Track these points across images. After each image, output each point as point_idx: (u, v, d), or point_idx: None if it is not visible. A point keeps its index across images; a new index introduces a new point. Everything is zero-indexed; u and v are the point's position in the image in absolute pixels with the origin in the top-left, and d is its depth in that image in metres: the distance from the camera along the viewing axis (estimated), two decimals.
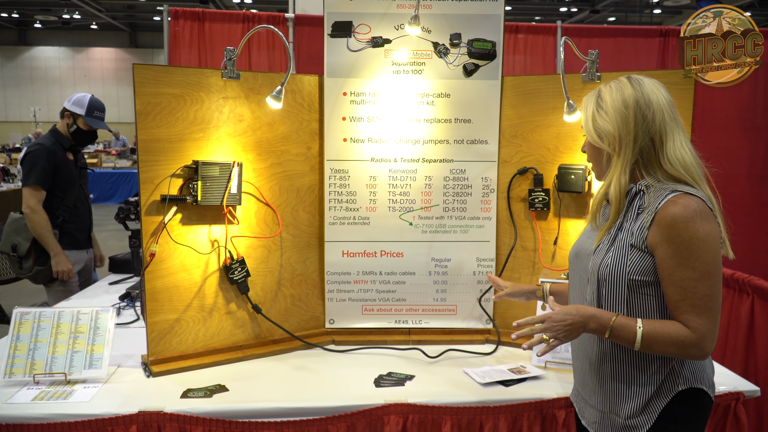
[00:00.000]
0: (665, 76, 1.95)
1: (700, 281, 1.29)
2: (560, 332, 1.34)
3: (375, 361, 2.04)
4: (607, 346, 1.42)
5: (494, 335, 2.22)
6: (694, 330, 1.29)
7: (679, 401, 1.37)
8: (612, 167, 1.40)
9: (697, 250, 1.28)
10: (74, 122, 3.23)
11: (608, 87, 1.43)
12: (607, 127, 1.39)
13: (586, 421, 1.51)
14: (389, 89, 2.18)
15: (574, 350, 1.56)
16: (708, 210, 1.31)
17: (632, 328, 1.33)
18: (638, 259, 1.35)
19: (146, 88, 1.89)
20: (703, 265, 1.29)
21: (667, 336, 1.30)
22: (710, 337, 1.30)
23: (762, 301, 2.57)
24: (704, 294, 1.29)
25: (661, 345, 1.32)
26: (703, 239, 1.29)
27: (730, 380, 1.85)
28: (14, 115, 20.79)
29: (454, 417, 1.71)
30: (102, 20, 19.48)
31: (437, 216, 2.23)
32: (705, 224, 1.29)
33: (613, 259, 1.37)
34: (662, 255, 1.32)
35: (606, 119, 1.40)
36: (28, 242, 3.05)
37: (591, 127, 1.43)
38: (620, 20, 16.85)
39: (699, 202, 1.31)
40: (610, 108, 1.39)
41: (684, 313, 1.31)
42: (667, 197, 1.32)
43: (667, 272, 1.32)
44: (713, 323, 1.30)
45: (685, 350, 1.31)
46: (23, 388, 1.73)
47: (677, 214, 1.29)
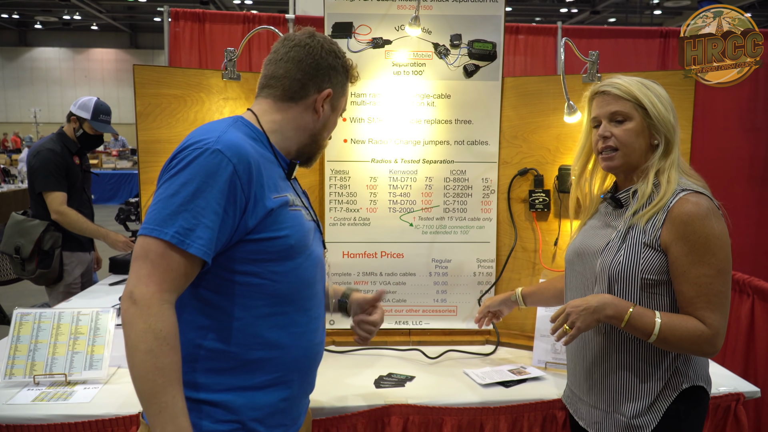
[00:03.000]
0: (666, 76, 1.95)
1: (715, 278, 1.30)
2: (579, 317, 1.34)
3: (375, 362, 2.04)
4: (612, 345, 1.42)
5: (494, 336, 2.22)
6: (709, 326, 1.31)
7: (682, 399, 1.38)
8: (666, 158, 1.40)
9: (713, 246, 1.30)
10: (80, 126, 3.24)
11: (648, 80, 1.44)
12: (669, 118, 1.40)
13: (585, 421, 1.50)
14: (390, 90, 2.18)
15: (569, 350, 1.56)
16: (717, 208, 1.34)
17: (651, 318, 1.32)
18: (651, 258, 1.36)
19: (147, 89, 1.89)
20: (718, 262, 1.30)
21: (685, 330, 1.31)
22: (722, 334, 1.32)
23: (762, 302, 2.57)
24: (719, 290, 1.31)
25: (677, 339, 1.31)
26: (718, 236, 1.31)
27: (730, 381, 1.85)
28: (15, 116, 20.80)
29: (455, 418, 1.71)
30: (102, 21, 19.50)
31: (438, 217, 2.23)
32: (718, 222, 1.32)
33: (625, 258, 1.37)
34: (677, 252, 1.32)
35: (666, 110, 1.40)
36: (31, 245, 3.05)
37: (663, 112, 1.40)
38: (620, 21, 16.86)
39: (709, 200, 1.34)
40: (666, 100, 1.42)
41: (699, 309, 1.31)
42: (678, 195, 1.34)
43: (682, 270, 1.32)
44: (725, 320, 1.33)
45: (699, 346, 1.32)
46: (23, 389, 1.73)
47: (692, 212, 1.31)
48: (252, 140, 1.22)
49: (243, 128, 1.23)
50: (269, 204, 1.17)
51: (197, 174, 1.10)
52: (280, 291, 1.21)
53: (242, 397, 1.19)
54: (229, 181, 1.11)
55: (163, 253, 1.07)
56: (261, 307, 1.19)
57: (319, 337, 1.33)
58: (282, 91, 1.29)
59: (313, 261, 1.28)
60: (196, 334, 1.18)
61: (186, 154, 1.12)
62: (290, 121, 1.30)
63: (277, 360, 1.22)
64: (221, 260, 1.16)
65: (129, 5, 17.96)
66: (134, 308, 1.06)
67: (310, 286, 1.28)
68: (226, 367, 1.18)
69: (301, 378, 1.29)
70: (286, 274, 1.21)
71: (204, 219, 1.09)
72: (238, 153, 1.13)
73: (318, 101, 1.30)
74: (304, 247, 1.24)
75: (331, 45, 1.33)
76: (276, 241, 1.18)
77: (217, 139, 1.13)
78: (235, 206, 1.12)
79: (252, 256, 1.17)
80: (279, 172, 1.26)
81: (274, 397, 1.23)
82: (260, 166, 1.17)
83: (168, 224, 1.07)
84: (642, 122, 1.40)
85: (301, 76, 1.29)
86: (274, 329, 1.21)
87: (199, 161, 1.10)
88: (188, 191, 1.09)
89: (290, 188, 1.28)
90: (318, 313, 1.32)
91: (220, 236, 1.12)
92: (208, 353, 1.18)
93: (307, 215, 1.30)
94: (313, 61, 1.29)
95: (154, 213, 1.09)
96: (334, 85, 1.33)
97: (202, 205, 1.09)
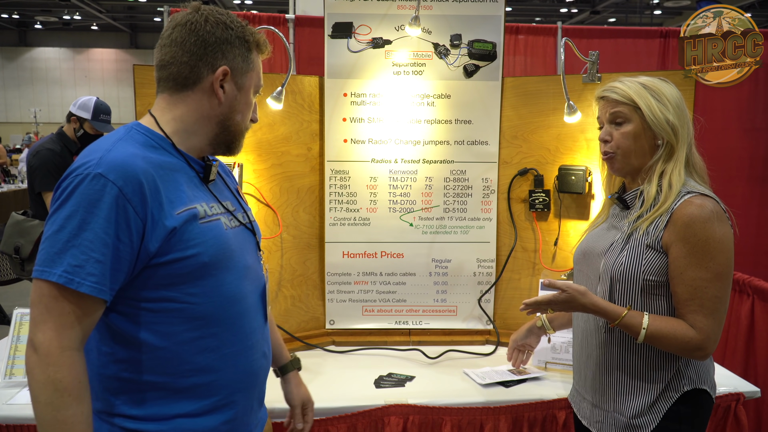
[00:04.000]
0: (666, 76, 1.94)
1: (711, 282, 1.30)
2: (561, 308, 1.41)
3: (375, 362, 2.04)
4: (614, 345, 1.43)
5: (494, 336, 2.22)
6: (699, 330, 1.30)
7: (683, 402, 1.38)
8: (670, 160, 1.38)
9: (712, 250, 1.29)
10: (81, 126, 3.25)
11: (655, 80, 1.42)
12: (672, 119, 1.38)
13: (587, 420, 1.51)
14: (390, 90, 2.18)
15: (575, 349, 1.56)
16: (722, 212, 1.33)
17: (637, 329, 1.34)
18: (653, 259, 1.35)
19: (147, 89, 1.89)
20: (716, 266, 1.30)
21: (673, 337, 1.31)
22: (714, 339, 1.31)
23: (762, 302, 2.57)
24: (713, 295, 1.30)
25: (664, 345, 1.34)
26: (719, 240, 1.29)
27: (730, 381, 1.85)
28: (15, 116, 20.79)
29: (455, 418, 1.71)
30: (102, 21, 19.49)
31: (437, 217, 2.23)
32: (721, 226, 1.30)
33: (627, 259, 1.37)
34: (676, 253, 1.32)
35: (669, 109, 1.38)
36: (31, 245, 3.06)
37: (659, 114, 1.38)
38: (620, 21, 16.85)
39: (714, 203, 1.32)
40: (671, 100, 1.39)
41: (691, 312, 1.31)
42: (683, 197, 1.33)
43: (679, 271, 1.32)
44: (718, 325, 1.31)
45: (688, 351, 1.32)
46: (23, 389, 1.72)
47: (695, 214, 1.30)
48: (150, 149, 1.09)
49: (138, 137, 1.11)
50: (170, 223, 1.05)
51: (80, 204, 0.99)
52: (202, 313, 1.10)
53: (180, 424, 1.10)
54: (115, 206, 1.00)
55: (56, 296, 0.98)
56: (183, 332, 1.09)
57: (258, 352, 1.22)
58: (173, 80, 1.14)
59: (239, 273, 1.16)
60: (118, 368, 1.09)
61: (68, 183, 1.02)
62: (190, 113, 1.15)
63: (213, 384, 1.13)
64: (131, 290, 1.07)
65: (129, 5, 17.95)
66: (35, 357, 0.99)
67: (237, 301, 1.16)
68: (158, 397, 1.09)
69: (246, 396, 1.20)
70: (205, 295, 1.10)
71: (93, 253, 0.99)
72: (124, 173, 1.01)
73: (214, 82, 1.14)
74: (224, 261, 1.13)
75: (219, 16, 1.15)
76: (185, 262, 1.07)
77: (98, 161, 1.02)
78: (130, 231, 1.02)
79: (163, 281, 1.07)
80: (191, 178, 1.14)
81: (215, 421, 1.14)
82: (156, 180, 1.05)
83: (55, 264, 0.98)
84: (641, 124, 1.40)
85: (187, 58, 1.12)
86: (203, 353, 1.11)
87: (80, 190, 1.00)
88: (73, 225, 0.99)
89: (205, 195, 1.16)
90: (254, 327, 1.21)
91: (118, 267, 1.02)
92: (134, 385, 1.09)
93: (229, 222, 1.17)
94: (197, 39, 1.12)
95: (42, 253, 1.00)
96: (230, 60, 1.15)
97: (90, 237, 0.99)
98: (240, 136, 1.22)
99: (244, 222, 1.24)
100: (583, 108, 2.03)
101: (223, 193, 1.23)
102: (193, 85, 1.14)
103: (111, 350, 1.09)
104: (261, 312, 1.25)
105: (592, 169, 2.09)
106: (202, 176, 1.17)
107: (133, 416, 1.09)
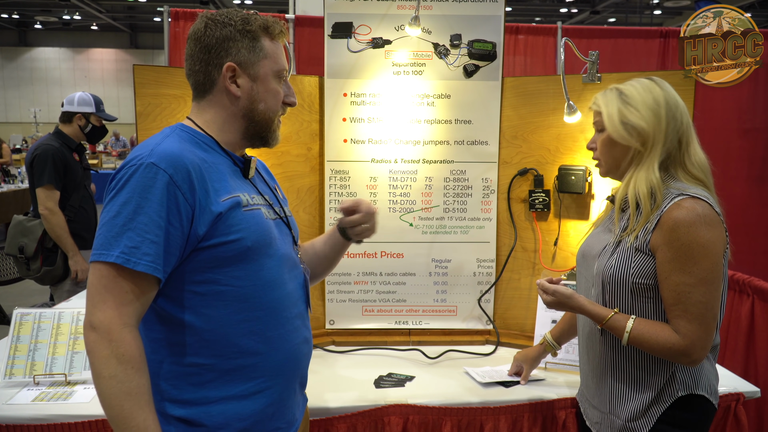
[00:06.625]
0: (666, 76, 1.93)
1: (695, 287, 1.28)
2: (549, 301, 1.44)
3: (375, 362, 2.04)
4: (611, 348, 1.43)
5: (494, 336, 2.22)
6: (683, 336, 1.29)
7: (679, 407, 1.37)
8: (639, 165, 1.38)
9: (696, 255, 1.27)
10: (88, 122, 3.26)
11: (630, 85, 1.41)
12: (639, 123, 1.37)
13: (590, 421, 1.52)
14: (389, 90, 2.18)
15: (580, 349, 1.57)
16: (714, 215, 1.30)
17: (620, 333, 1.35)
18: (642, 262, 1.35)
19: (147, 89, 1.89)
20: (700, 271, 1.28)
21: (655, 343, 1.31)
22: (700, 345, 1.29)
23: (762, 302, 2.57)
24: (698, 300, 1.28)
25: (648, 349, 1.34)
26: (703, 245, 1.27)
27: (730, 381, 1.85)
28: (14, 116, 20.78)
29: (455, 418, 1.71)
30: (102, 21, 19.48)
31: (437, 217, 2.23)
32: (708, 230, 1.28)
33: (617, 262, 1.37)
34: (661, 257, 1.31)
35: (637, 115, 1.37)
36: (34, 243, 3.07)
37: (618, 122, 1.38)
38: (620, 21, 16.86)
39: (705, 206, 1.29)
40: (641, 104, 1.37)
41: (676, 317, 1.31)
42: (674, 199, 1.32)
43: (664, 275, 1.31)
44: (705, 331, 1.29)
45: (672, 356, 1.31)
46: (23, 389, 1.73)
47: (680, 218, 1.28)
48: (195, 146, 1.18)
49: (183, 135, 1.19)
50: (216, 208, 1.13)
51: (134, 191, 1.08)
52: (245, 295, 1.17)
53: (227, 408, 1.16)
54: (167, 192, 1.08)
55: (115, 276, 1.05)
56: (230, 314, 1.16)
57: (300, 337, 1.28)
58: (196, 89, 1.25)
59: (278, 260, 1.23)
60: (169, 351, 1.15)
61: (122, 175, 1.10)
62: (218, 114, 1.24)
63: (257, 366, 1.19)
64: (180, 274, 1.14)
65: (129, 5, 17.95)
66: (94, 335, 1.05)
67: (277, 287, 1.22)
68: (206, 380, 1.16)
69: (287, 381, 1.25)
70: (248, 278, 1.17)
71: (148, 235, 1.07)
72: (174, 162, 1.10)
73: (225, 80, 1.21)
74: (265, 248, 1.20)
75: (218, 17, 1.21)
76: (230, 245, 1.14)
77: (150, 153, 1.11)
78: (180, 216, 1.09)
79: (209, 264, 1.14)
80: (234, 172, 1.23)
81: (260, 404, 1.20)
82: (202, 170, 1.13)
83: (113, 246, 1.06)
84: (608, 137, 1.43)
85: (199, 66, 1.22)
86: (248, 336, 1.18)
87: (134, 178, 1.08)
88: (128, 210, 1.07)
89: (247, 187, 1.24)
90: (295, 313, 1.27)
91: (170, 249, 1.09)
92: (185, 369, 1.15)
93: (268, 213, 1.25)
94: (201, 46, 1.21)
95: (100, 238, 1.08)
96: (234, 56, 1.20)
97: (144, 221, 1.07)
98: (269, 124, 1.27)
99: (281, 216, 1.31)
100: (583, 108, 2.03)
101: (262, 188, 1.31)
102: (211, 89, 1.23)
103: (159, 336, 1.16)
104: (303, 300, 1.32)
105: (592, 169, 2.09)
106: (243, 171, 1.26)
107: (181, 401, 1.15)
